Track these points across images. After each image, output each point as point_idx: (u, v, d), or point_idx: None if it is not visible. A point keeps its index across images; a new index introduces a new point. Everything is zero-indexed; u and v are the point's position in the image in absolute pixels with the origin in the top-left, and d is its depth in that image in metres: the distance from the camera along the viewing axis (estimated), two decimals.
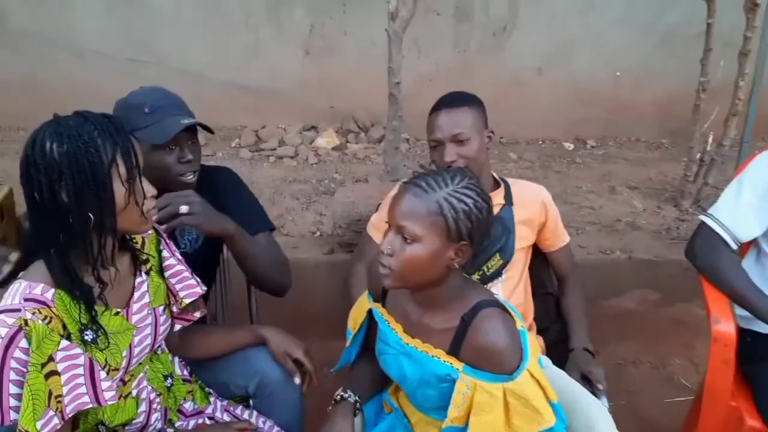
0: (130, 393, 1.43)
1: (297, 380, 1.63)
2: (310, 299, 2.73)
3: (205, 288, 1.56)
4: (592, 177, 4.09)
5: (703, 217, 1.82)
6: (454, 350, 1.30)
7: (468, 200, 1.23)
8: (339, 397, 1.50)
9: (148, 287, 1.44)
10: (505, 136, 4.85)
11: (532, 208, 1.91)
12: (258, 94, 4.69)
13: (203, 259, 1.84)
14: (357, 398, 1.49)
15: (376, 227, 2.03)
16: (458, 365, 1.28)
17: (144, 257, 1.45)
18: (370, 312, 1.51)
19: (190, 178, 1.69)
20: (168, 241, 1.54)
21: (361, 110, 4.68)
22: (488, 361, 1.24)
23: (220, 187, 1.83)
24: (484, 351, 1.24)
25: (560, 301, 2.00)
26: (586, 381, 1.68)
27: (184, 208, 1.58)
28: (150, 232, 1.50)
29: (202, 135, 1.82)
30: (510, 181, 1.98)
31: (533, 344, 1.31)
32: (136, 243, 1.45)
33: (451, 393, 1.28)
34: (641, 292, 2.85)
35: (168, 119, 1.61)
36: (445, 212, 1.21)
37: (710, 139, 3.40)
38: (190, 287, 1.53)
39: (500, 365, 1.24)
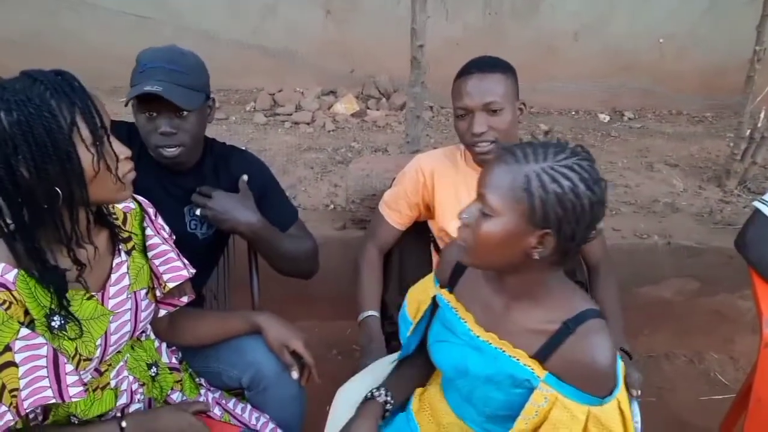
0: (108, 384, 1.31)
1: (294, 375, 1.50)
2: (318, 278, 2.58)
3: (193, 271, 1.43)
4: (629, 152, 3.88)
5: (757, 204, 1.64)
6: (541, 355, 1.14)
7: (565, 182, 1.03)
8: (370, 395, 1.37)
9: (128, 269, 1.31)
10: (536, 105, 4.64)
11: None
12: (275, 55, 4.52)
13: (211, 242, 1.73)
14: (388, 399, 1.37)
15: (389, 206, 1.89)
16: (540, 372, 1.14)
17: (125, 235, 1.31)
18: (434, 299, 1.37)
19: (169, 152, 1.54)
20: (153, 217, 1.40)
21: (384, 75, 4.50)
22: (581, 378, 1.10)
23: (249, 178, 1.72)
24: (583, 367, 1.09)
25: (591, 292, 1.84)
26: None
27: (197, 212, 1.62)
28: (132, 206, 1.37)
29: (217, 97, 1.70)
30: None
31: (623, 376, 1.16)
32: (117, 218, 1.31)
33: (521, 402, 1.15)
34: (679, 281, 2.67)
35: (148, 82, 1.46)
36: (532, 189, 1.04)
37: (762, 114, 3.17)
38: (175, 269, 1.39)
39: (593, 385, 1.09)
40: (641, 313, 2.63)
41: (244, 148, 1.83)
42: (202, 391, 1.53)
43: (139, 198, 1.40)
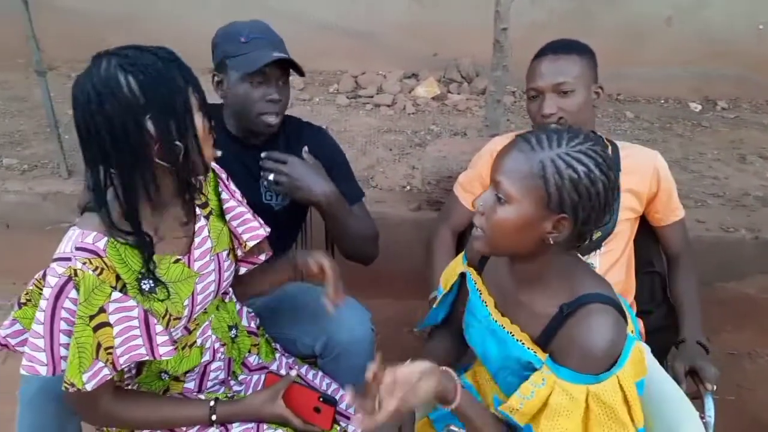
0: (195, 342, 1.41)
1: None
2: (392, 257, 2.63)
3: (268, 229, 1.50)
4: (720, 143, 3.71)
5: None
6: (543, 340, 1.16)
7: (580, 167, 1.05)
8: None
9: (209, 232, 1.39)
10: (623, 92, 4.50)
11: (643, 176, 1.71)
12: (359, 37, 4.57)
13: (287, 215, 1.80)
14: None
15: (464, 187, 1.91)
16: (542, 356, 1.15)
17: (203, 200, 1.40)
18: (463, 275, 1.40)
19: (272, 120, 1.64)
20: (226, 181, 1.49)
21: (466, 59, 4.47)
22: (575, 358, 1.10)
23: (317, 150, 1.77)
24: (578, 349, 1.09)
25: (670, 283, 1.81)
26: (692, 378, 1.53)
27: (270, 177, 1.64)
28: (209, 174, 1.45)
29: (300, 81, 1.78)
30: (620, 144, 1.78)
31: (637, 361, 1.14)
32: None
33: None
34: (765, 278, 2.56)
35: (261, 51, 1.58)
36: (547, 175, 1.06)
37: None
38: (253, 229, 1.47)
39: (588, 364, 1.09)
40: (724, 309, 2.54)
41: (321, 126, 1.88)
42: (277, 356, 1.61)
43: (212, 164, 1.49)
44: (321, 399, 1.44)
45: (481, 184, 1.87)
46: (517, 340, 1.20)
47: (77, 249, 1.16)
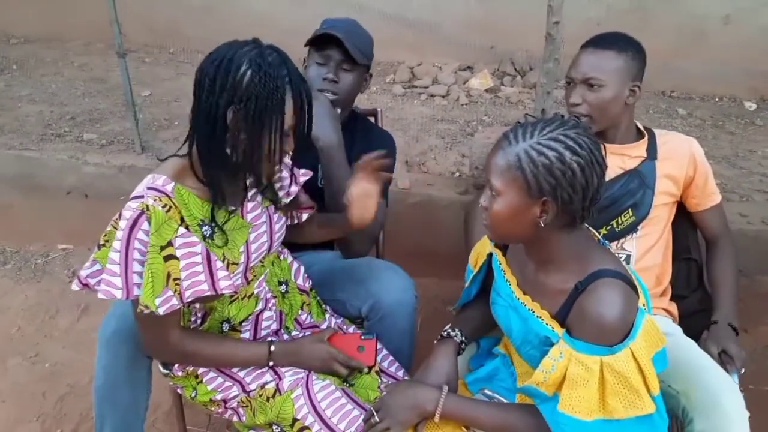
0: (253, 293, 1.54)
1: None
2: (438, 238, 2.76)
3: (298, 187, 1.61)
4: None
5: None
6: (560, 315, 1.25)
7: (550, 153, 1.14)
8: (446, 333, 1.51)
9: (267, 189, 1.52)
10: (677, 89, 4.46)
11: (679, 161, 1.76)
12: (418, 29, 4.65)
13: None
14: (463, 338, 1.50)
15: None
16: (560, 330, 1.24)
17: None
18: (490, 256, 1.49)
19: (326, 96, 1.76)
20: None
21: (521, 53, 4.51)
22: (588, 329, 1.18)
23: (372, 146, 1.81)
24: (590, 320, 1.17)
25: (707, 267, 1.85)
26: (721, 359, 1.58)
27: (314, 100, 1.70)
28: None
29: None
30: (657, 132, 1.84)
31: (651, 331, 1.21)
32: None
33: None
34: None
35: (329, 30, 1.73)
36: (523, 165, 1.15)
37: None
38: (285, 187, 1.59)
39: (600, 335, 1.16)
40: (763, 302, 2.55)
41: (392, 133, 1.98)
42: (327, 316, 1.73)
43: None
44: (362, 337, 1.58)
45: None
46: (537, 317, 1.28)
47: (149, 188, 1.30)
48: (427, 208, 2.74)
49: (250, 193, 1.49)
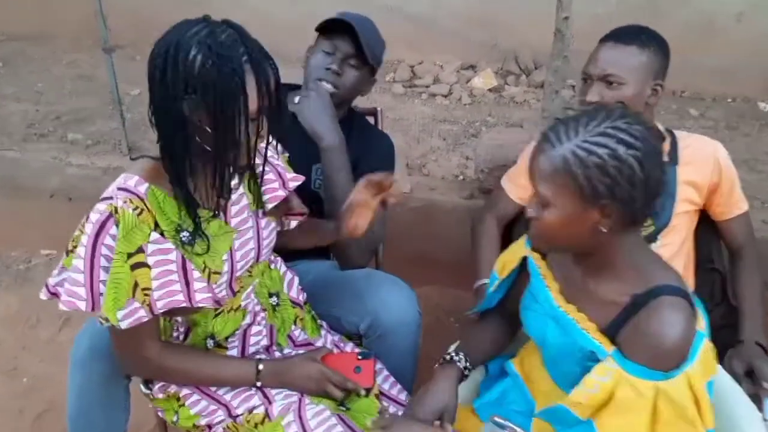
0: (240, 305, 1.43)
1: None
2: (441, 244, 2.65)
3: (287, 192, 1.49)
4: None
5: None
6: (611, 330, 1.13)
7: (601, 150, 1.02)
8: (449, 357, 1.39)
9: (245, 188, 1.40)
10: (688, 89, 4.34)
11: (703, 167, 1.65)
12: (418, 25, 4.53)
13: None
14: (467, 364, 1.38)
15: (512, 180, 1.89)
16: (608, 347, 1.11)
17: None
18: (524, 260, 1.37)
19: (325, 87, 1.67)
20: None
21: (526, 50, 4.39)
22: (645, 351, 1.06)
23: (369, 149, 1.79)
24: (647, 338, 1.05)
25: (731, 280, 1.74)
26: (750, 378, 1.49)
27: (295, 99, 1.68)
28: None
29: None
30: (679, 134, 1.72)
31: (707, 358, 1.10)
32: None
33: None
34: None
35: (343, 17, 1.66)
36: (572, 169, 1.03)
37: None
38: (272, 190, 1.46)
39: (658, 359, 1.05)
40: None
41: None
42: (323, 333, 1.61)
43: None
44: (359, 357, 1.47)
45: (527, 179, 1.85)
46: (582, 329, 1.16)
47: (119, 189, 1.19)
48: (428, 213, 2.62)
49: (234, 195, 1.37)
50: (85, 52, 4.53)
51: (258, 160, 1.43)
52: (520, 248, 1.39)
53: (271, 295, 1.52)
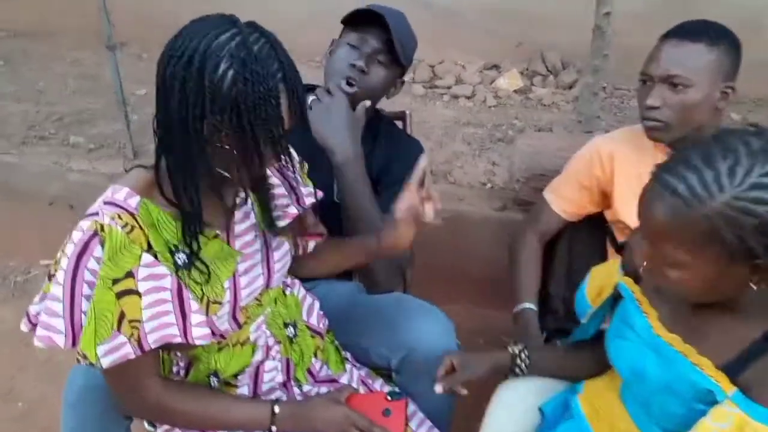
0: (248, 339, 1.26)
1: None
2: (471, 259, 2.49)
3: (301, 209, 1.33)
4: None
5: None
6: (731, 369, 0.97)
7: (760, 209, 0.85)
8: (510, 350, 1.33)
9: (252, 205, 1.24)
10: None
11: None
12: (437, 22, 4.37)
13: None
14: (522, 356, 1.32)
15: (556, 191, 1.73)
16: (727, 387, 0.96)
17: None
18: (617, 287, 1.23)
19: (347, 88, 1.54)
20: None
21: (553, 50, 4.22)
22: None
23: (397, 157, 1.63)
24: None
25: None
26: None
27: (326, 97, 1.50)
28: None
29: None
30: None
31: None
32: None
33: None
34: None
35: (374, 8, 1.52)
36: (722, 233, 0.87)
37: None
38: (283, 207, 1.29)
39: None
40: None
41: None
42: (348, 367, 1.45)
43: None
44: (388, 398, 1.30)
45: (576, 188, 1.70)
46: (694, 365, 1.01)
47: (106, 204, 1.03)
48: (456, 225, 2.45)
49: (239, 212, 1.21)
50: (89, 49, 4.39)
51: (267, 171, 1.28)
52: (614, 272, 1.23)
53: (286, 325, 1.35)
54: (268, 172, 1.27)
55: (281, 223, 1.28)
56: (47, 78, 3.97)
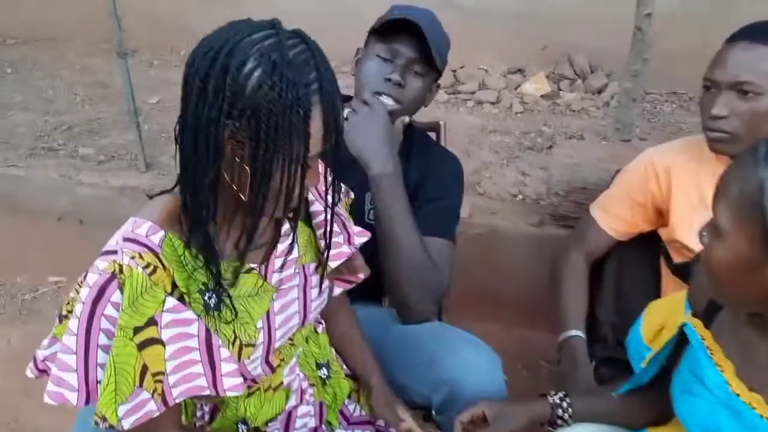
0: (282, 383, 1.15)
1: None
2: (506, 277, 2.37)
3: (354, 248, 1.22)
4: None
5: None
6: None
7: None
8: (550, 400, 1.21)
9: (295, 237, 1.12)
10: None
11: None
12: (457, 24, 4.27)
13: None
14: (564, 405, 1.20)
15: (604, 207, 1.62)
16: None
17: None
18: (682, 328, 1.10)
19: (387, 101, 1.43)
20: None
21: (580, 53, 4.10)
22: None
23: (432, 173, 1.54)
24: None
25: None
26: None
27: (365, 108, 1.38)
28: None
29: None
30: None
31: None
32: None
33: None
34: None
35: (406, 16, 1.39)
36: (764, 203, 0.78)
37: None
38: (335, 246, 1.17)
39: None
40: None
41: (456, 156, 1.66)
42: None
43: None
44: None
45: (628, 205, 1.58)
46: None
47: (125, 240, 0.92)
48: (489, 241, 2.34)
49: (282, 245, 1.10)
50: (100, 56, 4.33)
51: (319, 206, 1.16)
52: (679, 312, 1.10)
53: (319, 366, 1.24)
54: (318, 204, 1.16)
55: (333, 264, 1.17)
56: (56, 86, 3.90)
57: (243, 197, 0.94)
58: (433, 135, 1.79)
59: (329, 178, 1.09)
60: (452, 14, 4.19)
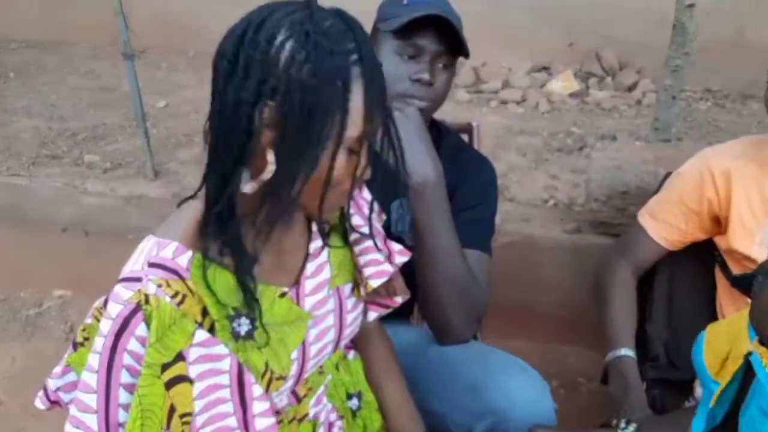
0: (307, 415, 1.07)
1: None
2: (541, 288, 2.28)
3: (396, 267, 1.13)
4: None
5: None
6: None
7: None
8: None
9: (328, 257, 1.04)
10: None
11: None
12: (476, 20, 4.20)
13: None
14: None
15: (654, 215, 1.53)
16: None
17: None
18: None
19: (418, 104, 1.32)
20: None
21: (609, 49, 4.02)
22: None
23: (464, 178, 1.45)
24: None
25: None
26: None
27: (396, 112, 1.21)
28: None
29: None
30: None
31: None
32: None
33: None
34: None
35: (419, 12, 1.26)
36: None
37: None
38: (376, 263, 1.09)
39: None
40: None
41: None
42: None
43: None
44: None
45: (681, 212, 1.48)
46: None
47: (151, 265, 0.84)
48: (524, 249, 2.25)
49: (313, 264, 1.01)
50: (105, 59, 4.32)
51: (358, 220, 1.08)
52: (743, 335, 1.00)
53: (350, 397, 1.16)
54: (359, 217, 1.08)
55: (374, 283, 1.08)
56: (60, 91, 3.88)
57: (264, 187, 0.85)
58: (464, 137, 1.70)
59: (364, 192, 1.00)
60: (471, 9, 4.15)
